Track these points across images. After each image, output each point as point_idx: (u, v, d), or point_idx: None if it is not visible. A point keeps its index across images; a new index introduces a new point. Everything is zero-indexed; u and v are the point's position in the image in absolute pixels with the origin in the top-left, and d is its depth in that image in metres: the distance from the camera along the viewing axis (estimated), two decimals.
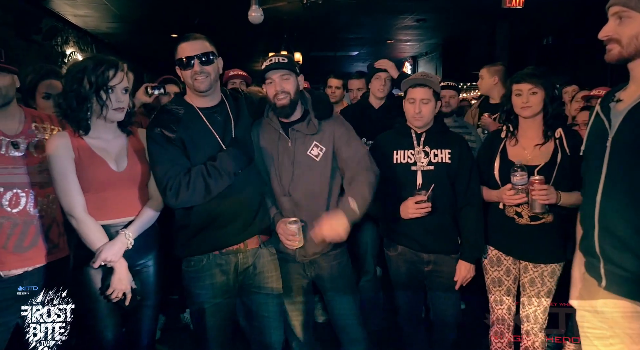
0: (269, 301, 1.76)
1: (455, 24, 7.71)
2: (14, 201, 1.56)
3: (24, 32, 5.60)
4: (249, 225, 1.71)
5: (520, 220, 1.88)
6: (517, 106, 1.87)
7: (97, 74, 1.52)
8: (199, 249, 1.68)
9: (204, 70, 1.62)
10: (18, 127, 1.63)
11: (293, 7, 6.01)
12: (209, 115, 1.69)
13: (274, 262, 1.80)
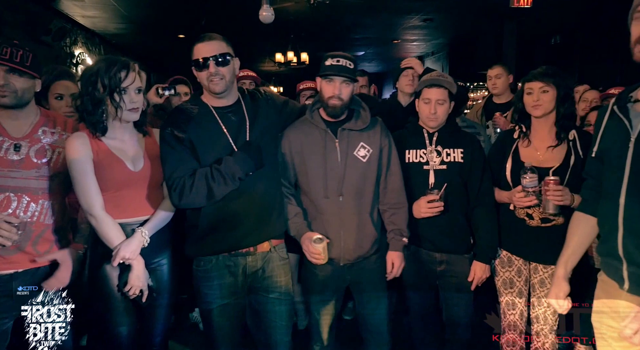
0: (276, 306, 1.75)
1: (462, 24, 7.68)
2: (3, 204, 1.54)
3: (34, 33, 5.66)
4: (260, 229, 1.69)
5: (531, 222, 1.87)
6: (528, 105, 1.86)
7: (109, 76, 1.54)
8: (208, 250, 1.68)
9: (219, 71, 1.60)
10: (26, 129, 1.62)
11: (300, 7, 6.02)
12: (222, 115, 1.68)
13: (284, 267, 1.77)
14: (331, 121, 1.81)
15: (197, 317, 2.88)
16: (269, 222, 1.71)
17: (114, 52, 8.34)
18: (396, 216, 1.85)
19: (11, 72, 1.54)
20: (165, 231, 1.72)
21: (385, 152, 1.85)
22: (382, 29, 7.94)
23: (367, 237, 1.81)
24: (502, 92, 3.17)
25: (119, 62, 1.58)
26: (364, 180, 1.80)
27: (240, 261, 1.69)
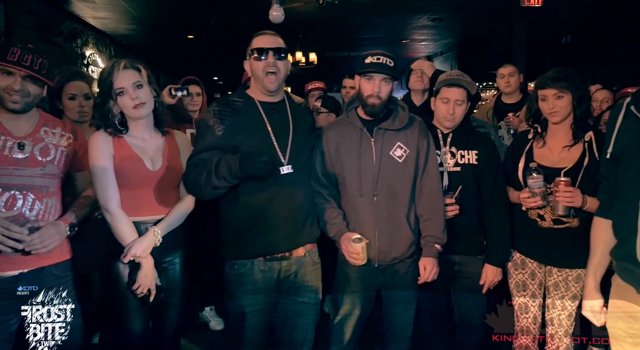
0: (304, 311, 1.74)
1: (471, 23, 7.63)
2: (9, 203, 1.52)
3: (46, 34, 5.73)
4: (296, 234, 1.68)
5: (542, 223, 1.84)
6: (544, 112, 1.83)
7: (103, 84, 1.60)
8: (243, 253, 1.66)
9: (277, 64, 1.61)
10: (28, 129, 1.62)
11: (309, 7, 6.03)
12: (268, 111, 1.67)
13: (316, 271, 1.76)
14: (368, 120, 1.79)
15: (206, 316, 2.90)
16: (305, 228, 1.70)
17: (124, 52, 8.42)
18: (431, 222, 1.79)
19: (28, 78, 1.54)
20: (179, 230, 1.72)
21: (423, 153, 1.79)
22: (391, 28, 7.92)
23: (403, 240, 1.77)
24: (514, 92, 3.14)
25: (108, 66, 1.62)
26: (399, 181, 1.75)
27: (275, 266, 1.67)
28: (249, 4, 5.83)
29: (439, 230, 1.79)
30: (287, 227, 1.65)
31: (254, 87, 1.69)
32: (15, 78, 1.52)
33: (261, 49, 1.60)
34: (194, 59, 10.48)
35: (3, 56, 1.51)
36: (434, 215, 1.79)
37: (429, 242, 1.79)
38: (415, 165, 1.77)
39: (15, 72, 1.52)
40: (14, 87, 1.52)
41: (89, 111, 2.20)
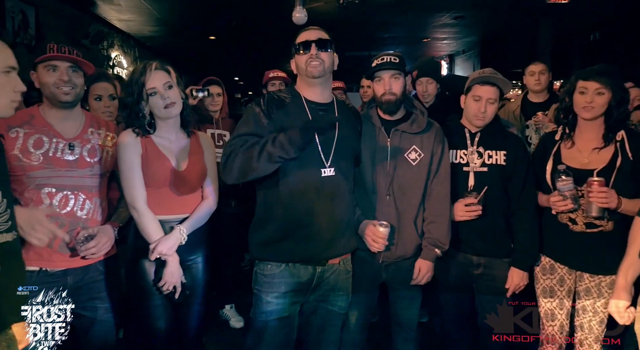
0: (333, 318, 1.70)
1: (494, 21, 7.48)
2: (63, 202, 1.59)
3: (75, 37, 5.91)
4: (335, 246, 1.62)
5: (574, 227, 1.78)
6: (579, 105, 1.74)
7: (133, 84, 1.62)
8: (276, 257, 1.60)
9: (320, 55, 1.58)
10: (76, 130, 1.68)
11: (329, 7, 6.02)
12: (313, 110, 1.61)
13: (348, 280, 1.71)
14: (387, 120, 1.82)
15: (227, 314, 2.93)
16: (344, 238, 1.65)
17: (148, 54, 8.60)
18: (434, 226, 1.79)
19: (71, 68, 1.61)
20: (202, 230, 1.75)
21: (437, 158, 1.80)
22: (412, 27, 7.84)
23: (409, 240, 1.80)
24: (543, 90, 3.05)
25: (140, 67, 1.65)
26: (411, 183, 1.78)
27: (310, 270, 1.61)
28: (269, 5, 5.87)
29: (442, 235, 1.79)
30: (328, 238, 1.59)
31: (301, 84, 1.66)
32: (61, 70, 1.59)
33: (303, 42, 1.59)
34: (215, 59, 10.63)
35: (43, 53, 1.59)
36: (439, 219, 1.80)
37: (429, 245, 1.80)
38: (428, 170, 1.80)
39: (59, 65, 1.59)
40: (63, 78, 1.58)
41: (114, 111, 2.26)
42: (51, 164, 1.59)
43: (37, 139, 1.59)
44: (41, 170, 1.57)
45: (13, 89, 1.19)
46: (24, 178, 1.56)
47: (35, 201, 1.57)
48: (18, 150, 1.56)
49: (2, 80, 1.17)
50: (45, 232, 1.35)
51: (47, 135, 1.61)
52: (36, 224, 1.33)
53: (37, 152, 1.58)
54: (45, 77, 1.60)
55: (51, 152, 1.60)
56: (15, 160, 1.55)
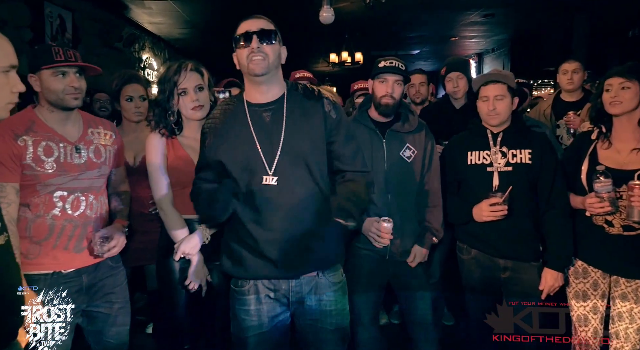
0: (329, 336, 1.50)
1: (526, 18, 7.25)
2: (75, 204, 1.59)
3: (108, 40, 6.11)
4: (305, 259, 1.42)
5: (610, 230, 1.71)
6: (606, 102, 1.72)
7: (166, 82, 1.64)
8: (243, 273, 1.45)
9: (262, 49, 1.37)
10: (78, 132, 1.65)
11: (355, 7, 6.00)
12: (255, 113, 1.43)
13: (335, 293, 1.50)
14: (379, 122, 1.92)
15: None
16: (316, 251, 1.42)
17: (178, 56, 8.80)
18: (429, 214, 1.90)
19: (77, 73, 1.59)
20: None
21: (428, 153, 1.92)
22: (439, 26, 7.71)
23: (412, 234, 1.89)
24: (576, 89, 2.94)
25: (175, 65, 1.66)
26: (408, 179, 1.88)
27: (282, 286, 1.45)
28: (296, 4, 5.89)
29: (437, 223, 1.90)
30: (294, 253, 1.39)
31: (245, 83, 1.48)
32: (71, 76, 1.56)
33: (244, 34, 1.39)
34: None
35: (51, 59, 1.52)
36: (433, 210, 1.91)
37: (427, 233, 1.89)
38: (421, 165, 1.91)
39: (69, 70, 1.56)
40: (74, 84, 1.56)
41: (144, 112, 2.32)
42: (64, 170, 1.57)
43: (45, 146, 1.55)
44: (55, 178, 1.55)
45: (11, 90, 1.09)
46: (37, 186, 1.53)
47: (47, 205, 1.55)
48: (30, 160, 1.51)
49: (1, 81, 1.07)
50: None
51: (53, 141, 1.57)
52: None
53: (49, 160, 1.54)
54: (53, 83, 1.54)
55: (62, 157, 1.58)
56: (27, 170, 1.51)
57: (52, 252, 1.56)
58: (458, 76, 2.66)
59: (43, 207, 1.55)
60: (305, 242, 1.40)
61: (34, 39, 4.68)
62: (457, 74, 2.65)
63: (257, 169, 1.39)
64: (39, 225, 1.55)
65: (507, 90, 1.83)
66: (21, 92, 1.12)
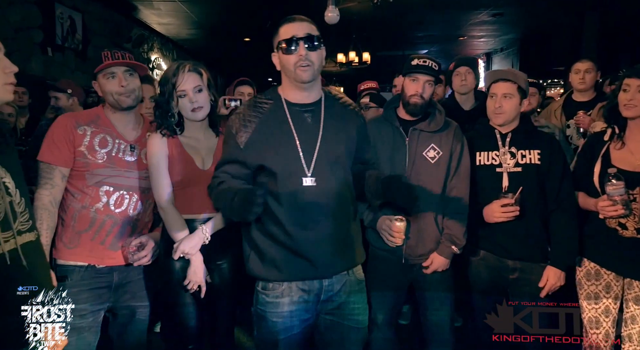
0: (351, 334, 1.52)
1: (535, 17, 7.19)
2: (118, 202, 1.66)
3: (117, 41, 6.17)
4: (337, 261, 1.45)
5: (624, 232, 1.69)
6: (621, 103, 1.69)
7: (166, 84, 1.64)
8: (276, 277, 1.43)
9: (309, 56, 1.37)
10: (136, 134, 1.74)
11: (363, 7, 5.99)
12: (296, 114, 1.44)
13: (362, 291, 1.55)
14: (405, 120, 1.86)
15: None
16: (348, 252, 1.47)
17: (186, 56, 8.85)
18: (452, 222, 1.81)
19: (128, 72, 1.67)
20: (231, 230, 1.74)
21: (456, 156, 1.82)
22: (448, 25, 7.67)
23: (430, 238, 1.81)
24: (588, 89, 2.90)
25: (174, 67, 1.66)
26: (430, 181, 1.79)
27: (316, 285, 1.45)
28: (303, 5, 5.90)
29: (459, 232, 1.79)
30: (327, 255, 1.41)
31: (285, 83, 1.47)
32: (119, 76, 1.65)
33: (290, 39, 1.37)
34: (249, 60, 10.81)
35: (100, 62, 1.64)
36: (457, 217, 1.80)
37: (447, 242, 1.80)
38: (447, 167, 1.80)
39: (117, 70, 1.65)
40: (122, 83, 1.64)
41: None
42: (113, 164, 1.65)
43: (102, 138, 1.65)
44: (103, 169, 1.63)
45: (3, 70, 1.13)
46: (86, 174, 1.62)
47: (93, 198, 1.63)
48: (85, 147, 1.62)
49: None
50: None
51: (110, 136, 1.67)
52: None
53: (102, 151, 1.64)
54: (106, 85, 1.66)
55: (114, 152, 1.66)
56: (80, 157, 1.62)
57: (89, 244, 1.63)
58: (467, 71, 2.62)
59: (89, 199, 1.63)
60: (341, 242, 1.44)
61: (44, 40, 4.74)
62: (466, 69, 2.62)
63: (296, 169, 1.40)
64: (83, 216, 1.63)
65: (517, 90, 1.81)
66: (14, 72, 1.15)
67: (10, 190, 1.12)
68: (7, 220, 1.09)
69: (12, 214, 1.11)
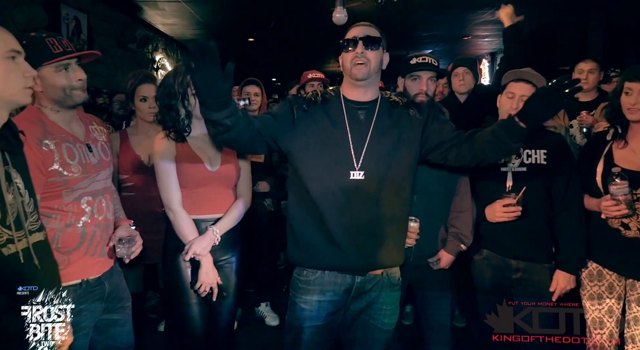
0: (375, 333, 1.56)
1: (540, 16, 7.16)
2: (99, 208, 1.53)
3: (122, 41, 6.20)
4: (372, 253, 1.47)
5: (627, 233, 1.68)
6: (624, 107, 1.68)
7: (178, 83, 1.63)
8: (311, 262, 1.50)
9: (366, 54, 1.45)
10: (83, 131, 1.55)
11: (366, 7, 5.99)
12: (351, 110, 1.50)
13: (393, 293, 1.57)
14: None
15: (262, 312, 2.97)
16: (385, 249, 1.48)
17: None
18: (458, 220, 1.82)
19: (77, 63, 1.44)
20: (237, 230, 1.77)
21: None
22: (452, 25, 7.65)
23: (435, 238, 1.82)
24: (591, 89, 2.90)
25: (183, 67, 1.65)
26: (435, 181, 1.78)
27: (348, 280, 1.50)
28: (307, 6, 5.90)
29: (465, 229, 1.80)
30: (361, 242, 1.45)
31: (344, 82, 1.56)
32: (74, 68, 1.43)
33: (351, 39, 1.48)
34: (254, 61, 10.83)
35: (50, 54, 1.38)
36: (462, 214, 1.81)
37: (454, 240, 1.81)
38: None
39: (70, 62, 1.42)
40: (82, 77, 1.44)
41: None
42: (87, 172, 1.48)
43: (67, 147, 1.43)
44: (82, 181, 1.46)
45: (23, 74, 1.10)
46: (63, 192, 1.41)
47: (76, 213, 1.45)
48: (58, 165, 1.39)
49: (8, 66, 1.08)
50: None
51: (69, 142, 1.45)
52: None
53: (74, 162, 1.44)
54: (56, 79, 1.40)
55: (82, 159, 1.47)
56: (55, 176, 1.38)
57: (81, 261, 1.48)
58: (464, 71, 2.72)
59: (72, 216, 1.45)
60: (378, 238, 1.47)
61: None
62: (464, 69, 2.72)
63: (345, 162, 1.45)
64: (69, 235, 1.45)
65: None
66: (34, 76, 1.13)
67: (21, 190, 1.13)
68: (19, 220, 1.10)
69: (23, 214, 1.12)
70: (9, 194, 1.08)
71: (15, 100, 1.12)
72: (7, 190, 1.08)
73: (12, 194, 1.09)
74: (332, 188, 1.44)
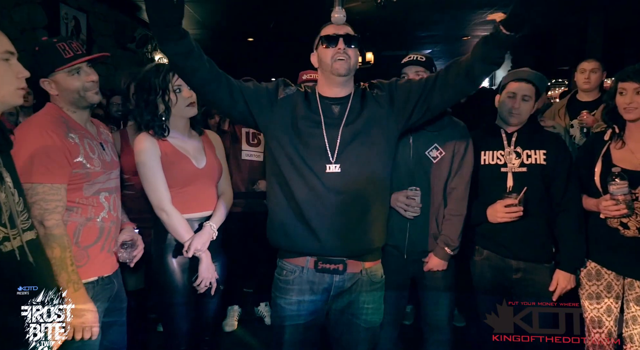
0: (360, 333, 1.59)
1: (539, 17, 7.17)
2: (114, 205, 1.57)
3: (121, 41, 6.19)
4: (351, 240, 1.49)
5: (626, 232, 1.68)
6: (620, 107, 1.68)
7: (159, 80, 1.63)
8: (293, 247, 1.53)
9: (347, 51, 1.49)
10: (95, 131, 1.60)
11: (366, 7, 5.99)
12: (326, 106, 1.55)
13: (374, 292, 1.59)
14: None
15: (261, 312, 2.97)
16: (364, 239, 1.51)
17: None
18: (447, 224, 1.79)
19: (88, 65, 1.49)
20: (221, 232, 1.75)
21: (458, 156, 1.79)
22: (451, 25, 7.67)
23: (431, 237, 1.82)
24: (593, 89, 2.89)
25: (167, 65, 1.63)
26: (432, 180, 1.79)
27: (326, 279, 1.53)
28: (306, 6, 5.90)
29: (453, 234, 1.78)
30: (338, 227, 1.47)
31: (320, 80, 1.60)
32: (85, 71, 1.48)
33: (331, 36, 1.51)
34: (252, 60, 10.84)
35: (62, 59, 1.43)
36: (453, 218, 1.79)
37: (441, 243, 1.79)
38: (449, 167, 1.79)
39: (81, 65, 1.46)
40: (93, 78, 1.49)
41: None
42: (105, 168, 1.53)
43: (88, 143, 1.49)
44: (101, 176, 1.51)
45: (16, 76, 1.12)
46: (84, 185, 1.46)
47: (96, 207, 1.50)
48: (82, 157, 1.44)
49: (2, 68, 1.09)
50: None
51: (89, 138, 1.51)
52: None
53: (94, 157, 1.49)
54: (69, 82, 1.46)
55: (101, 155, 1.54)
56: (79, 168, 1.43)
57: (99, 257, 1.51)
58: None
59: (92, 210, 1.49)
60: (351, 224, 1.49)
61: None
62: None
63: (320, 155, 1.48)
64: (89, 229, 1.48)
65: (534, 93, 1.82)
66: (26, 77, 1.14)
67: (11, 189, 1.14)
68: (12, 218, 1.11)
69: (16, 213, 1.13)
70: (1, 192, 1.09)
71: (7, 101, 1.13)
72: (0, 189, 1.09)
73: (4, 192, 1.10)
74: (309, 181, 1.48)
